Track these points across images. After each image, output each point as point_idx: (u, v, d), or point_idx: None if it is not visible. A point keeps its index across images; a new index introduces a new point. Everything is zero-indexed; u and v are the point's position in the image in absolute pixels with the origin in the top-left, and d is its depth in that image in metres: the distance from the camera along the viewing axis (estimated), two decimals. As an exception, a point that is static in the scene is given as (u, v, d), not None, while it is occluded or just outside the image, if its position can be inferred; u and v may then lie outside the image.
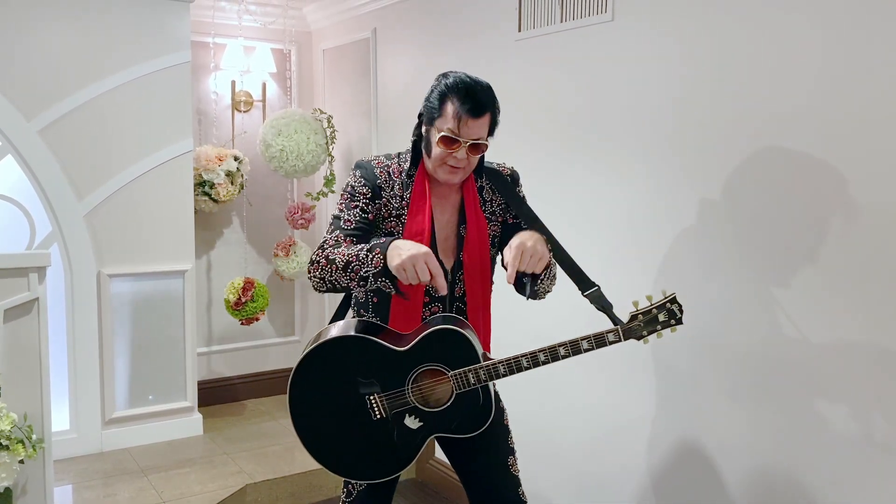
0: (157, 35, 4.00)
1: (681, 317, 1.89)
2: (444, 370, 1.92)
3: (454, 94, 1.89)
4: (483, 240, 2.03)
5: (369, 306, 2.06)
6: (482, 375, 1.90)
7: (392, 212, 2.00)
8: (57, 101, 3.77)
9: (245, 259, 4.76)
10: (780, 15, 2.16)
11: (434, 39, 3.66)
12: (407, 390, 1.93)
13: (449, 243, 2.02)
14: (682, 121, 2.46)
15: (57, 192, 3.80)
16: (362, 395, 1.92)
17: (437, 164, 1.95)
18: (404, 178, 2.01)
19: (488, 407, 1.97)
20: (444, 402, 1.93)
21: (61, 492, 3.50)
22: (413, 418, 1.94)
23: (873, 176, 1.97)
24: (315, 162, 4.33)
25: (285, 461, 3.89)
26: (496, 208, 2.08)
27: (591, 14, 2.76)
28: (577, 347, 1.86)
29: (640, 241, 2.62)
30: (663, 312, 1.88)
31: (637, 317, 1.88)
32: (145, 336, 4.11)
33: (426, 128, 1.97)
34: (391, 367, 1.92)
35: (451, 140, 1.89)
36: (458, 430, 1.97)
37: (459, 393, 1.92)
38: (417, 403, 1.93)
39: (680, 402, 2.52)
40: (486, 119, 1.91)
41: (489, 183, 2.07)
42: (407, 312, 1.99)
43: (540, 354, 1.87)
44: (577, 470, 2.92)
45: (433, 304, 2.01)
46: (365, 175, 2.01)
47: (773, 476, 2.24)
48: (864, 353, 2.01)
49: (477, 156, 1.95)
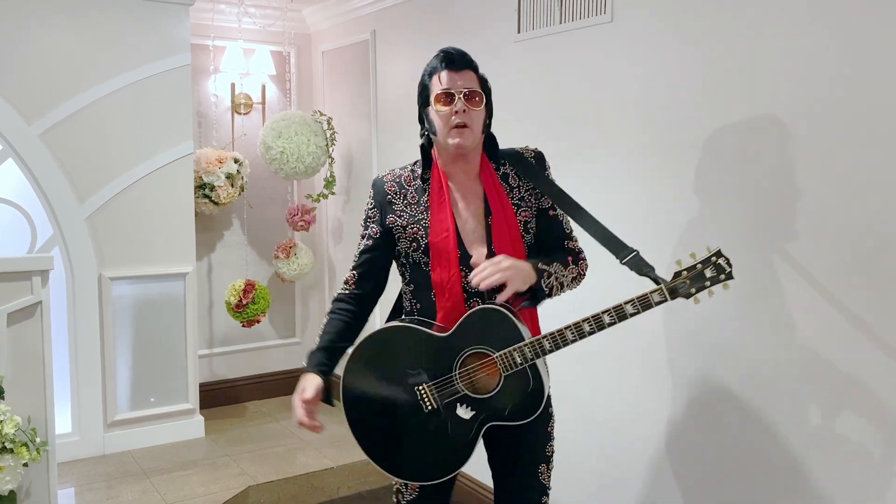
0: (157, 38, 4.01)
1: (730, 271, 1.80)
2: (490, 352, 1.87)
3: (435, 62, 1.94)
4: (512, 226, 1.98)
5: (415, 314, 2.04)
6: (528, 353, 1.84)
7: (410, 220, 1.98)
8: (57, 105, 3.78)
9: (246, 261, 4.77)
10: (780, 15, 2.17)
11: (433, 41, 3.67)
12: (455, 376, 1.88)
13: (477, 234, 1.97)
14: (682, 121, 2.47)
15: (58, 196, 3.80)
16: (411, 387, 1.90)
17: (445, 132, 1.91)
18: (418, 184, 2.01)
19: (540, 391, 1.89)
20: (493, 388, 1.88)
21: (64, 494, 3.51)
22: (465, 407, 1.89)
23: (878, 175, 1.98)
24: (315, 164, 4.34)
25: (287, 463, 3.90)
26: (525, 194, 2.01)
27: (591, 15, 2.77)
28: (623, 313, 1.80)
29: (639, 241, 2.63)
30: (710, 268, 1.79)
31: (681, 273, 1.81)
32: (147, 338, 4.11)
33: (424, 114, 1.98)
34: (436, 355, 1.90)
35: (446, 94, 1.90)
36: (511, 417, 1.90)
37: (507, 375, 1.86)
38: (467, 391, 1.89)
39: (681, 401, 2.53)
40: (471, 75, 1.93)
41: (513, 168, 2.03)
42: (451, 311, 1.94)
43: (584, 325, 1.82)
44: (583, 470, 2.93)
45: (472, 300, 1.95)
46: (375, 195, 2.04)
47: (775, 474, 2.25)
48: (869, 351, 2.02)
49: (477, 109, 1.91)
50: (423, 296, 2.00)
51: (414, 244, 1.97)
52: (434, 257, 1.95)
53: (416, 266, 2.00)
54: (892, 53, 1.92)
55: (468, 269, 1.94)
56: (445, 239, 1.94)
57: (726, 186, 2.35)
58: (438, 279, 1.95)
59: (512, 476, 2.05)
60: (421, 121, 2.01)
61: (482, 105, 1.94)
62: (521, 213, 2.01)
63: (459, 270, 1.94)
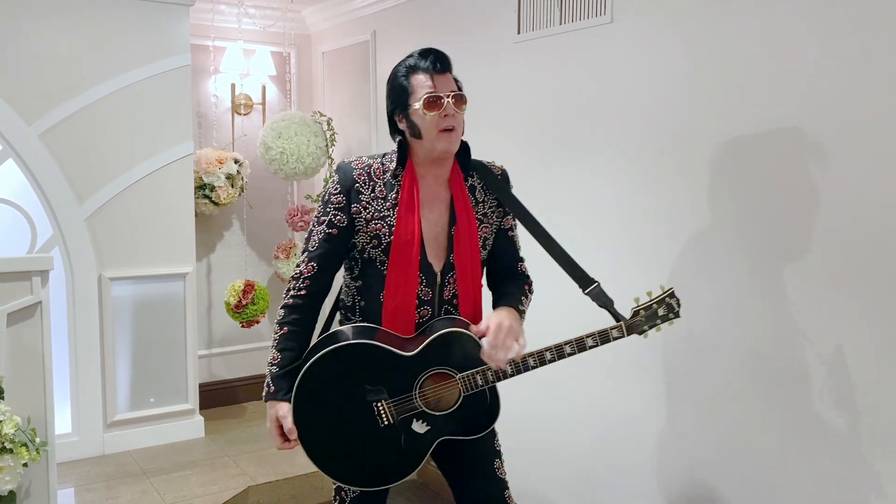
0: (157, 38, 4.01)
1: (678, 310, 1.94)
2: (452, 373, 1.92)
3: (415, 61, 1.91)
4: (473, 239, 1.99)
5: (356, 310, 2.03)
6: (490, 377, 1.91)
7: (374, 214, 1.94)
8: (57, 105, 3.78)
9: (245, 261, 4.77)
10: (778, 17, 2.17)
11: (433, 41, 3.66)
12: (415, 395, 1.92)
13: (439, 243, 1.97)
14: (681, 122, 2.47)
15: (58, 196, 3.80)
16: (369, 403, 1.91)
17: (433, 136, 1.89)
18: (388, 179, 1.96)
19: (496, 407, 1.99)
20: (451, 405, 1.94)
21: (64, 495, 3.50)
22: (420, 423, 1.93)
23: (871, 175, 1.98)
24: (315, 164, 4.34)
25: (287, 463, 3.90)
26: (488, 210, 2.03)
27: (590, 16, 2.77)
28: (583, 345, 1.89)
29: (638, 242, 2.63)
30: (662, 307, 1.93)
31: (639, 312, 1.93)
32: (146, 339, 4.11)
33: (403, 116, 1.93)
34: (398, 373, 1.91)
35: (435, 98, 1.87)
36: (465, 431, 1.98)
37: (467, 395, 1.92)
38: (425, 408, 1.93)
39: (678, 400, 2.53)
40: (451, 78, 1.93)
41: (480, 182, 2.03)
42: (399, 315, 1.95)
43: (546, 353, 1.90)
44: (578, 469, 2.93)
45: (423, 308, 1.97)
46: (342, 180, 1.95)
47: (774, 474, 2.25)
48: (863, 350, 2.02)
49: (462, 110, 1.91)
50: (371, 294, 1.98)
51: (375, 240, 1.95)
52: (394, 257, 1.94)
53: (369, 262, 1.97)
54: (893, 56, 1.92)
55: (425, 275, 1.95)
56: (409, 241, 1.92)
57: (726, 187, 2.35)
58: (394, 281, 1.94)
59: (472, 476, 2.08)
60: (391, 121, 1.98)
61: (465, 107, 1.94)
62: (483, 228, 2.02)
63: (418, 276, 1.95)
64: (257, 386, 4.93)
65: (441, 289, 1.98)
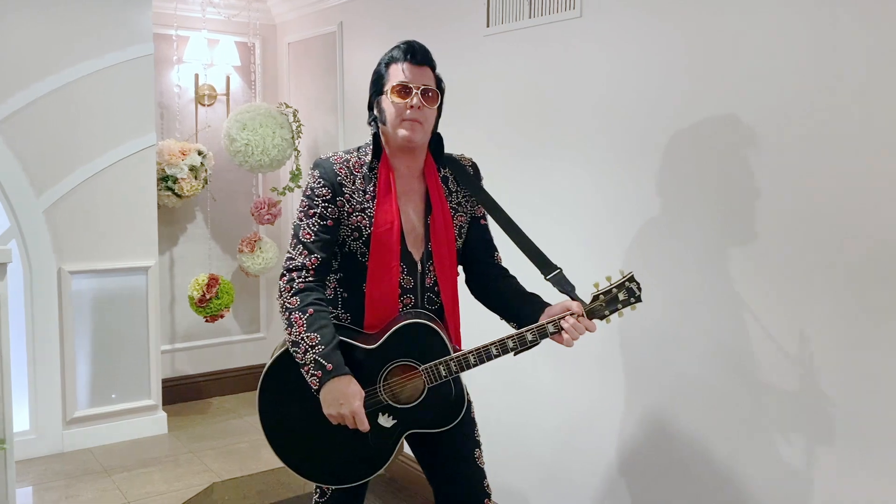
0: (119, 27, 3.92)
1: (639, 294, 1.94)
2: (415, 365, 1.92)
3: (395, 52, 1.95)
4: (448, 228, 2.03)
5: (339, 302, 2.04)
6: (453, 367, 1.91)
7: (356, 206, 1.96)
8: (14, 94, 3.68)
9: (209, 255, 4.71)
10: (752, 10, 2.19)
11: (401, 34, 3.63)
12: (379, 388, 1.92)
13: (416, 233, 2.01)
14: (652, 116, 2.49)
15: (15, 187, 3.71)
16: None
17: (396, 123, 1.92)
18: (366, 172, 1.98)
19: (461, 399, 2.00)
20: (416, 398, 1.94)
21: (22, 493, 3.43)
22: (387, 416, 1.94)
23: (843, 171, 2.01)
24: (281, 156, 4.28)
25: (252, 459, 3.86)
26: (461, 199, 2.08)
27: (560, 10, 2.77)
28: (544, 331, 1.90)
29: (607, 236, 2.65)
30: (623, 291, 1.93)
31: (598, 297, 1.93)
32: (107, 334, 4.04)
33: (377, 102, 1.99)
34: (362, 366, 1.92)
35: (404, 88, 1.90)
36: (433, 424, 1.98)
37: (431, 387, 1.92)
38: (390, 401, 1.93)
39: (646, 394, 2.55)
40: (430, 73, 1.95)
41: (452, 173, 2.07)
42: (382, 304, 1.97)
43: (508, 341, 1.90)
44: (546, 462, 2.94)
45: (405, 296, 2.00)
46: (324, 174, 1.96)
47: (742, 468, 2.28)
48: (830, 345, 2.06)
49: (431, 107, 1.94)
50: (353, 286, 2.00)
51: (356, 233, 1.96)
52: (374, 249, 1.95)
53: (350, 255, 2.00)
54: (870, 52, 1.95)
55: (406, 264, 1.98)
56: (389, 231, 1.95)
57: (695, 183, 2.37)
58: (376, 270, 1.96)
59: (454, 462, 2.09)
60: (370, 108, 2.03)
61: (436, 104, 1.97)
62: (458, 217, 2.07)
63: (399, 264, 1.96)
64: (221, 381, 4.89)
65: (423, 277, 2.02)
